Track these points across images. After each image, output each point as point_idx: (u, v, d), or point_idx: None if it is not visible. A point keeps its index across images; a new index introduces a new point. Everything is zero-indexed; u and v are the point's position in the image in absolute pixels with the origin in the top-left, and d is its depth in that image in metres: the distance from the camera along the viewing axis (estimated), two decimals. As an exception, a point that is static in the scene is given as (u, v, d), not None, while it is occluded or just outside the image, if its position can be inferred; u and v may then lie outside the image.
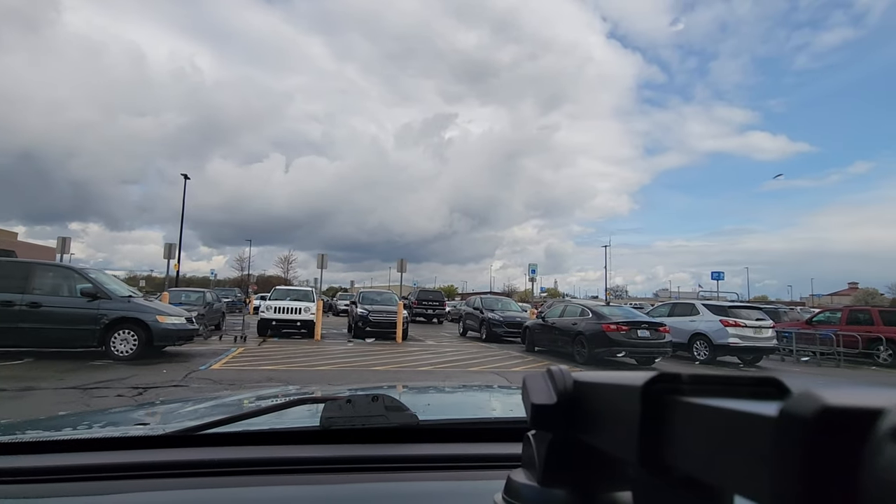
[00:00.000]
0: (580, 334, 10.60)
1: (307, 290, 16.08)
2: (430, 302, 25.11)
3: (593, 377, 0.35)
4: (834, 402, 0.18)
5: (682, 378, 0.28)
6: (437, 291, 27.46)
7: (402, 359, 10.34)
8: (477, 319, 16.28)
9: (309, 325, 13.66)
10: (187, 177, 28.31)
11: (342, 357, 10.20)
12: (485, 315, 15.73)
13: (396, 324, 14.05)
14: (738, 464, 0.21)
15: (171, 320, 8.51)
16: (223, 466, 0.74)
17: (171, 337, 8.48)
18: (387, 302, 15.68)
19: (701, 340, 11.95)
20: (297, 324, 13.83)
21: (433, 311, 24.96)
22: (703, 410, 0.24)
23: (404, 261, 15.89)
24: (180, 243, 28.97)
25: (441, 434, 0.89)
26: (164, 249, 13.83)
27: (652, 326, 10.20)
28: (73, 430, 0.95)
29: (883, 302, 52.31)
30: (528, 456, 0.41)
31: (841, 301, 52.42)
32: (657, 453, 0.27)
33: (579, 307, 11.51)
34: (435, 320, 24.92)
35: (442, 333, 18.33)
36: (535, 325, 12.77)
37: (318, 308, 13.68)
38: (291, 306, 13.92)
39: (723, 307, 12.33)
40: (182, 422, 0.97)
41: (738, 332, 11.45)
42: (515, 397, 1.23)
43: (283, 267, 70.92)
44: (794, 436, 0.18)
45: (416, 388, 1.78)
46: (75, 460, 0.74)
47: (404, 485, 0.72)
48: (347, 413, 0.83)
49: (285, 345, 11.84)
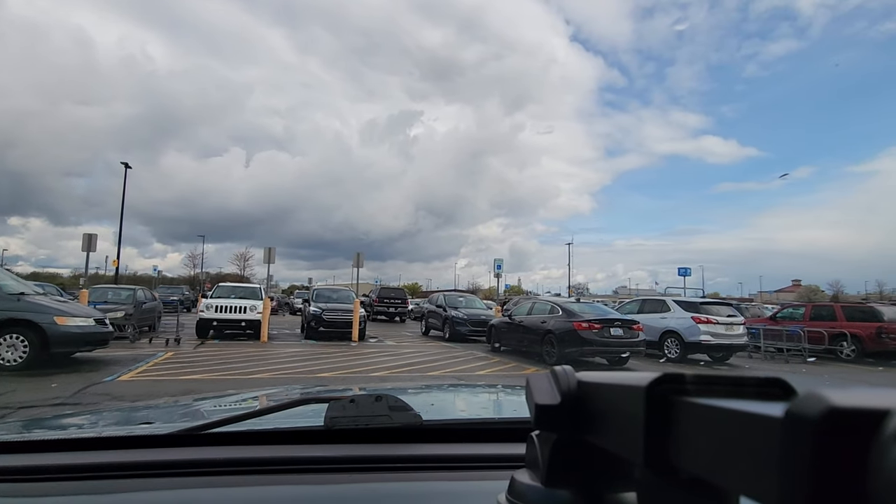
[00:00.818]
0: (549, 333, 9.85)
1: (254, 287, 14.72)
2: (391, 300, 24.08)
3: (597, 377, 0.34)
4: (840, 403, 0.18)
5: (686, 378, 0.28)
6: (399, 289, 26.43)
7: (356, 362, 9.31)
8: (440, 318, 15.38)
9: (255, 326, 12.37)
10: (128, 165, 26.41)
11: (287, 362, 9.06)
12: (448, 313, 14.85)
13: (352, 323, 12.96)
14: (744, 465, 0.21)
15: (74, 322, 7.15)
16: (227, 466, 0.74)
17: (75, 341, 7.13)
18: (342, 300, 14.54)
19: (672, 338, 11.47)
20: (241, 324, 12.50)
21: (395, 310, 23.97)
22: (709, 411, 0.24)
23: (361, 254, 14.76)
24: (120, 237, 26.91)
25: (445, 434, 0.89)
26: (83, 241, 11.97)
27: (625, 324, 9.56)
28: (78, 430, 1.02)
29: (823, 298, 55.24)
30: (531, 456, 0.40)
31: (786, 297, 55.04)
32: (662, 454, 0.27)
33: (548, 304, 10.76)
34: (397, 319, 23.94)
35: (403, 333, 17.33)
36: (502, 323, 11.98)
37: (266, 306, 12.41)
38: (235, 305, 12.58)
39: (694, 303, 11.92)
40: (186, 421, 0.97)
41: (710, 329, 11.02)
42: (519, 397, 1.21)
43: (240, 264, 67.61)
44: (800, 437, 0.18)
45: (420, 387, 1.86)
46: (80, 459, 0.74)
47: (408, 485, 0.73)
48: (351, 413, 0.82)
49: (225, 348, 10.55)
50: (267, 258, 14.57)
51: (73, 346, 7.15)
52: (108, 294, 12.88)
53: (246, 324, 12.46)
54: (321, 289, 16.21)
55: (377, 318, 22.87)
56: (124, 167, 26.01)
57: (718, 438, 0.23)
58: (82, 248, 12.12)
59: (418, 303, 31.11)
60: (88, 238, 12.24)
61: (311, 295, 14.97)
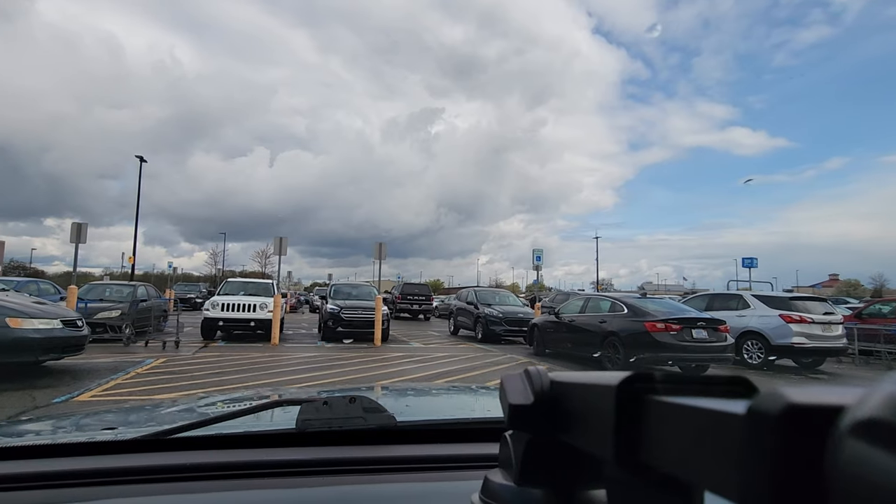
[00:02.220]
0: (612, 335, 8.11)
1: (266, 282, 13.26)
2: (415, 296, 22.47)
3: (570, 377, 0.35)
4: (798, 400, 0.18)
5: (656, 377, 0.28)
6: (423, 285, 24.76)
7: (379, 371, 7.74)
8: (471, 316, 13.73)
9: (266, 326, 10.95)
10: (143, 159, 25.60)
11: (298, 370, 7.56)
12: (481, 311, 13.18)
13: (374, 323, 11.42)
14: (710, 460, 0.21)
15: (32, 325, 5.76)
16: (195, 471, 0.71)
17: (31, 348, 5.72)
18: (363, 297, 13.02)
19: (753, 340, 9.58)
20: (250, 324, 11.11)
21: (419, 307, 22.39)
22: (676, 409, 0.24)
23: (383, 245, 13.15)
24: (136, 232, 26.09)
25: (419, 435, 0.88)
26: (72, 231, 10.54)
27: (709, 325, 7.74)
28: (35, 436, 0.97)
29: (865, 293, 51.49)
30: (505, 456, 0.40)
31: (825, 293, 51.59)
32: (632, 451, 0.27)
33: (608, 301, 8.96)
34: (421, 317, 22.38)
35: (429, 332, 15.74)
36: (547, 323, 10.27)
37: (277, 304, 10.95)
38: (244, 302, 11.18)
39: (782, 299, 9.95)
40: (152, 426, 0.95)
41: (804, 330, 9.09)
42: (493, 398, 1.20)
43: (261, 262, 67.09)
44: (761, 432, 0.19)
45: (395, 389, 1.84)
46: (38, 467, 0.70)
47: (382, 486, 0.72)
48: (324, 415, 0.81)
49: (227, 352, 9.13)
50: (278, 249, 13.09)
51: (29, 353, 5.74)
52: (106, 291, 11.66)
53: (255, 324, 11.06)
54: (340, 285, 14.67)
55: (400, 316, 21.36)
56: (139, 160, 25.26)
57: (685, 435, 0.23)
58: (71, 239, 10.84)
59: (443, 300, 29.64)
60: (77, 227, 10.91)
61: (329, 291, 13.48)
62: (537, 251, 15.85)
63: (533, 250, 15.96)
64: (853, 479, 0.16)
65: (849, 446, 0.16)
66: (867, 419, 0.16)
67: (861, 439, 0.16)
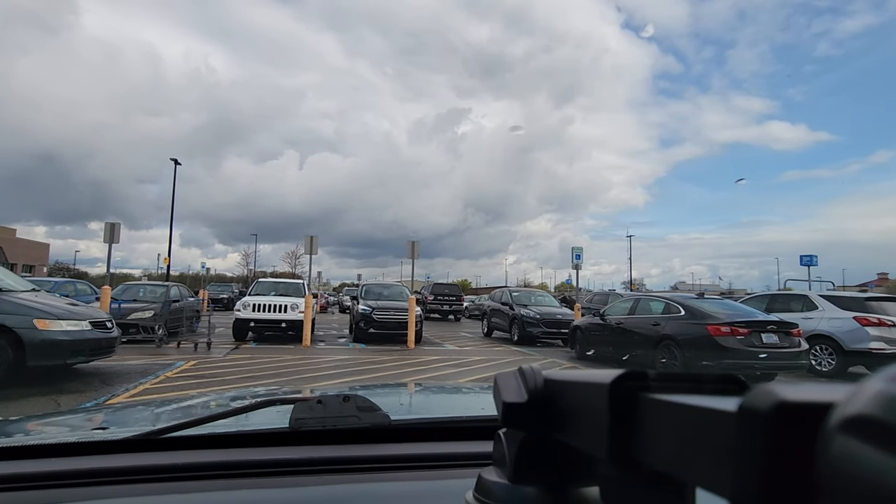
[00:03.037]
0: (667, 339, 7.44)
1: (297, 283, 13.04)
2: (445, 297, 22.06)
3: (564, 375, 0.35)
4: (789, 397, 0.19)
5: (649, 375, 0.28)
6: (453, 285, 24.34)
7: (419, 377, 7.30)
8: (506, 317, 13.18)
9: (297, 327, 10.68)
10: (177, 162, 26.03)
11: (331, 374, 7.20)
12: (516, 312, 12.62)
13: (408, 324, 11.00)
14: (702, 457, 0.22)
15: (60, 326, 5.55)
16: (188, 471, 0.70)
17: (60, 350, 5.51)
18: (395, 297, 12.64)
19: (823, 345, 8.71)
20: (281, 325, 10.88)
21: (449, 307, 21.96)
22: (669, 407, 0.25)
23: (416, 243, 12.72)
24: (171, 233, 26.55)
25: (413, 433, 0.88)
26: (105, 231, 10.54)
27: (781, 328, 6.97)
28: (24, 436, 0.94)
29: None
30: (498, 454, 0.40)
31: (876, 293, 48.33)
32: (625, 449, 0.27)
33: (661, 302, 8.27)
34: (451, 317, 21.95)
35: (462, 334, 15.27)
36: (590, 325, 9.64)
37: (308, 304, 10.67)
38: (274, 303, 10.96)
39: (855, 299, 9.04)
40: (144, 425, 0.94)
41: (884, 334, 8.18)
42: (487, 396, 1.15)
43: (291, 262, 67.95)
44: (752, 429, 0.19)
45: (389, 387, 1.88)
46: (29, 468, 0.69)
47: (376, 485, 0.71)
48: (318, 414, 0.81)
49: (258, 354, 8.87)
50: (309, 248, 12.83)
51: (58, 356, 5.54)
52: (139, 291, 11.64)
53: (287, 325, 10.82)
54: (371, 284, 14.32)
55: (430, 317, 20.99)
56: (174, 163, 25.72)
57: (677, 433, 0.24)
58: (104, 239, 10.82)
59: (472, 300, 29.15)
60: (111, 227, 10.88)
61: (360, 291, 13.14)
62: (576, 249, 15.05)
63: (572, 249, 15.17)
64: (843, 476, 0.16)
65: (838, 443, 0.16)
66: (856, 416, 0.16)
67: (850, 436, 0.16)
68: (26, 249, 41.68)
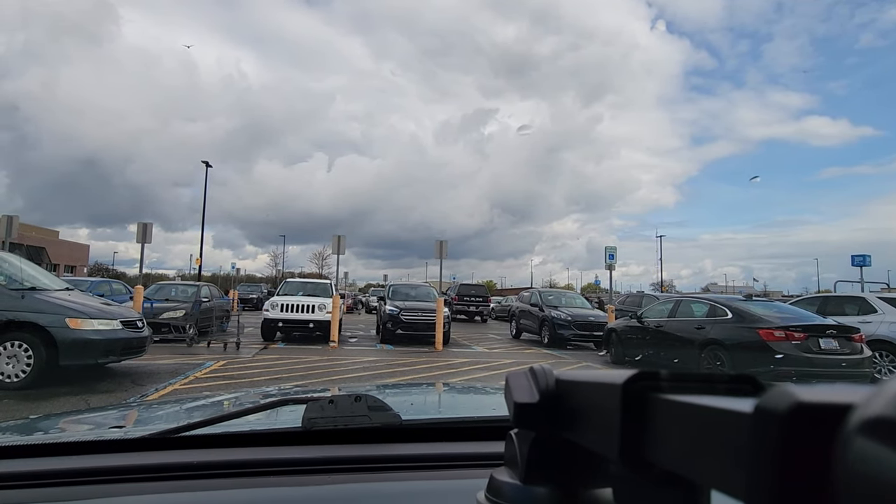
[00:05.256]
0: (713, 344, 6.99)
1: (325, 283, 12.99)
2: (472, 297, 21.81)
3: (576, 376, 0.35)
4: (806, 398, 0.18)
5: (662, 376, 0.28)
6: (480, 286, 24.06)
7: (450, 381, 7.07)
8: (535, 319, 12.83)
9: (325, 327, 10.60)
10: (208, 164, 26.59)
11: (360, 376, 7.04)
12: (546, 313, 12.26)
13: (436, 325, 10.78)
14: (715, 459, 0.21)
15: (92, 325, 5.54)
16: (202, 469, 0.71)
17: (92, 350, 5.50)
18: (423, 297, 12.44)
19: (885, 351, 8.07)
20: (309, 325, 10.82)
21: (476, 308, 21.70)
22: (682, 407, 0.24)
23: (444, 242, 12.51)
24: (202, 234, 27.22)
25: (424, 433, 0.88)
26: (138, 231, 10.75)
27: (841, 333, 6.45)
28: (44, 434, 0.96)
29: None
30: (510, 454, 0.40)
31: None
32: (637, 450, 0.27)
33: (705, 304, 7.80)
34: (478, 318, 21.65)
35: (489, 335, 14.98)
36: (627, 328, 9.23)
37: (335, 305, 10.58)
38: (302, 303, 10.91)
39: (920, 301, 8.37)
40: (159, 424, 0.95)
41: (954, 340, 7.52)
42: (498, 396, 1.20)
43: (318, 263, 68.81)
44: (768, 430, 0.19)
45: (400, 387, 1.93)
46: (47, 465, 0.71)
47: (388, 485, 0.72)
48: (330, 413, 0.81)
49: (286, 355, 8.80)
50: (336, 248, 12.76)
51: (89, 356, 5.53)
52: (172, 291, 11.79)
53: (314, 325, 10.75)
54: (398, 285, 14.19)
55: (456, 318, 20.79)
56: (205, 165, 26.28)
57: (691, 434, 0.23)
58: (137, 239, 11.00)
59: (499, 301, 28.79)
60: (143, 227, 11.06)
61: (387, 292, 13.02)
62: (609, 249, 14.49)
63: (605, 248, 14.62)
64: (861, 478, 0.16)
65: (857, 445, 0.16)
66: (876, 417, 0.16)
67: (869, 438, 0.16)
68: (69, 251, 43.39)
